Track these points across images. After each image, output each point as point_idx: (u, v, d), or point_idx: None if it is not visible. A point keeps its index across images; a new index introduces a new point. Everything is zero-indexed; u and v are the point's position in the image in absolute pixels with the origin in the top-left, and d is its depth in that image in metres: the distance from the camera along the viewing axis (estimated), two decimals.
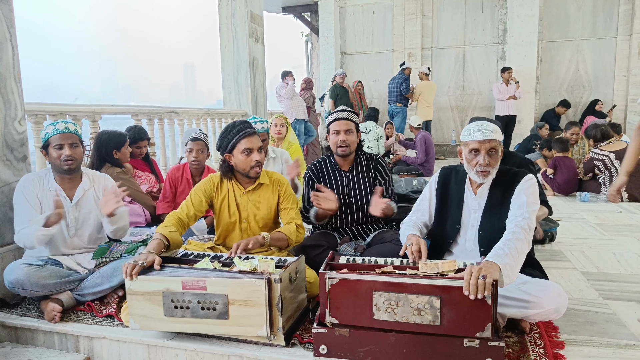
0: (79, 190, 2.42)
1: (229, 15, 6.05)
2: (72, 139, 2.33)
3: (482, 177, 1.98)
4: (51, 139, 2.30)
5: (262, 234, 2.23)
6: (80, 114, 3.64)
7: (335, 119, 2.62)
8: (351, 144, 2.60)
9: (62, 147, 2.30)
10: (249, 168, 2.31)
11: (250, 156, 2.29)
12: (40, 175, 2.39)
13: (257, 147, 2.30)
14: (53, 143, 2.30)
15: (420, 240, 1.97)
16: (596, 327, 2.02)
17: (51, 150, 2.31)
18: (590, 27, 8.83)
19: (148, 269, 1.90)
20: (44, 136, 2.32)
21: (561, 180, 5.23)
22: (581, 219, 4.11)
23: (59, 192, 2.37)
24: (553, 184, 5.30)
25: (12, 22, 2.50)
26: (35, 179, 2.36)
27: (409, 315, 1.64)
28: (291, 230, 2.34)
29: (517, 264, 1.70)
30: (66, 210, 2.37)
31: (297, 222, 2.40)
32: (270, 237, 2.24)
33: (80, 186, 2.43)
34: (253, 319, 1.79)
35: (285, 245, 2.35)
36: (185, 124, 5.11)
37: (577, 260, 2.95)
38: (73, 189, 2.42)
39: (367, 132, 6.94)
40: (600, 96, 8.83)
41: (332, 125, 2.63)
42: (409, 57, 9.71)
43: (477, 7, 9.40)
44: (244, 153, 2.28)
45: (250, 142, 2.28)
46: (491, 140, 1.94)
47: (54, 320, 2.15)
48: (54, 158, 2.32)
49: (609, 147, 4.95)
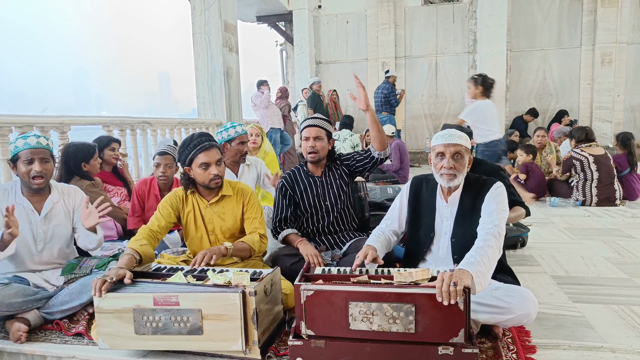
0: (48, 203, 2.35)
1: (202, 24, 6.02)
2: (42, 153, 2.26)
3: (448, 181, 2.02)
4: (21, 154, 2.23)
5: (224, 244, 2.20)
6: (49, 125, 3.54)
7: (305, 125, 2.69)
8: (320, 150, 2.65)
9: (32, 162, 2.23)
10: (208, 181, 2.29)
11: (208, 170, 2.27)
12: (6, 188, 2.32)
13: (214, 160, 2.27)
14: (23, 157, 2.23)
15: (369, 249, 2.00)
16: (566, 330, 2.07)
17: (20, 165, 2.24)
18: (556, 37, 9.16)
19: (119, 284, 1.85)
20: (14, 149, 2.25)
21: (533, 185, 5.36)
22: (551, 224, 4.22)
23: (26, 206, 2.30)
24: (525, 189, 5.44)
25: None
26: (1, 191, 2.29)
27: (384, 324, 1.65)
28: (254, 240, 2.32)
29: (489, 271, 1.73)
30: (34, 223, 2.30)
31: (260, 232, 2.39)
32: (232, 247, 2.22)
33: (48, 199, 2.36)
34: (228, 333, 1.76)
35: (248, 255, 2.32)
36: (158, 134, 5.04)
37: (548, 265, 3.03)
38: (41, 202, 2.35)
39: (343, 141, 7.00)
40: (566, 103, 9.15)
41: (302, 132, 2.69)
42: (382, 66, 9.84)
43: (448, 17, 9.63)
44: (201, 167, 2.27)
45: (207, 156, 2.26)
46: (456, 145, 1.99)
47: (20, 340, 2.06)
48: (22, 173, 2.25)
49: (589, 150, 5.07)
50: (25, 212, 2.30)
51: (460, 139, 2.01)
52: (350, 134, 7.15)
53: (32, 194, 2.34)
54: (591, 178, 4.97)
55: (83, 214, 2.28)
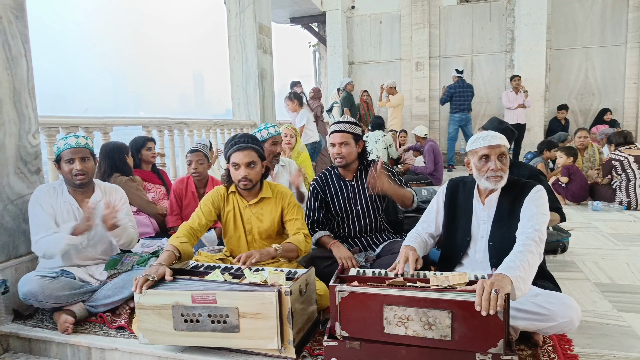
0: (91, 202, 2.45)
1: (237, 27, 6.13)
2: (82, 152, 2.37)
3: (495, 183, 1.96)
4: (62, 154, 2.36)
5: (273, 246, 2.23)
6: (92, 126, 3.69)
7: (332, 131, 2.64)
8: (347, 156, 2.60)
9: (73, 162, 2.35)
10: (237, 181, 2.34)
11: (238, 171, 2.31)
12: (55, 186, 2.44)
13: (244, 162, 2.29)
14: (64, 157, 2.36)
15: (409, 251, 1.99)
16: (611, 340, 1.99)
17: (63, 165, 2.37)
18: (598, 34, 8.79)
19: (159, 281, 1.91)
20: (56, 150, 2.38)
21: (575, 188, 5.17)
22: (593, 229, 4.06)
23: (72, 204, 2.41)
24: (567, 193, 5.25)
25: (26, 38, 2.55)
26: (50, 189, 2.41)
27: (420, 330, 1.63)
28: (300, 240, 2.35)
29: (529, 277, 1.69)
30: (79, 221, 2.40)
31: (304, 232, 2.41)
32: (281, 249, 2.25)
33: (92, 198, 2.46)
34: (264, 332, 1.79)
35: (295, 256, 2.35)
36: (195, 134, 5.16)
37: (590, 271, 2.92)
38: (85, 200, 2.45)
39: (375, 142, 6.95)
40: (610, 104, 8.77)
41: (329, 138, 2.66)
42: (416, 66, 9.74)
43: (484, 16, 9.42)
44: (233, 166, 2.32)
45: (237, 157, 2.29)
46: (500, 146, 1.95)
47: (67, 331, 2.16)
48: (65, 172, 2.38)
49: (628, 151, 4.94)
50: (71, 209, 2.41)
51: (502, 140, 1.97)
52: (382, 134, 7.09)
53: (77, 192, 2.45)
54: (634, 177, 4.79)
55: (103, 217, 2.32)
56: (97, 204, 2.46)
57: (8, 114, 2.45)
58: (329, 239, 2.56)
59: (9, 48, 2.44)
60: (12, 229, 2.48)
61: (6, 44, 2.42)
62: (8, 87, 2.44)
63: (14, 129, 2.49)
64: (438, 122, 9.92)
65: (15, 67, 2.48)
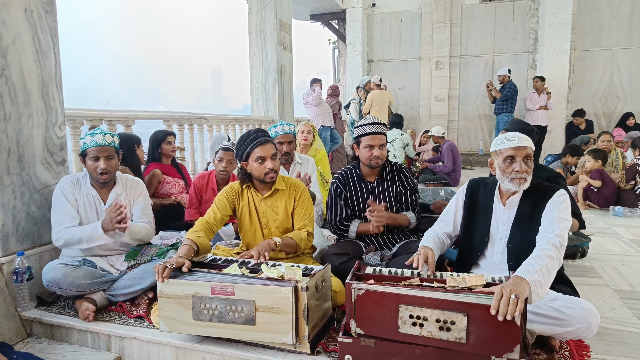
0: (112, 195, 2.51)
1: (258, 23, 6.17)
2: (108, 151, 2.41)
3: (518, 184, 1.94)
4: (88, 150, 2.39)
5: (274, 239, 2.26)
6: (116, 119, 3.77)
7: (369, 132, 2.63)
8: (384, 158, 2.66)
9: (98, 160, 2.39)
10: (264, 175, 2.36)
11: (264, 164, 2.33)
12: (78, 177, 2.50)
13: (270, 155, 2.33)
14: (90, 154, 2.39)
15: (428, 251, 1.99)
16: (630, 348, 1.96)
17: (88, 161, 2.41)
18: (626, 35, 8.59)
19: (179, 272, 1.95)
20: (82, 145, 2.41)
21: (608, 192, 5.03)
22: (614, 234, 3.98)
23: (94, 196, 2.47)
24: (599, 198, 5.07)
25: (55, 32, 2.62)
26: (74, 180, 2.47)
27: (435, 331, 1.63)
28: (301, 237, 2.37)
29: (547, 282, 1.67)
30: (100, 212, 2.46)
31: (308, 229, 2.43)
32: (281, 243, 2.27)
33: (113, 191, 2.52)
34: (279, 326, 1.81)
35: (294, 251, 2.38)
36: (214, 129, 5.22)
37: (610, 277, 2.87)
38: (107, 193, 2.51)
39: (392, 140, 6.92)
40: (635, 107, 8.56)
41: (365, 139, 2.64)
42: (436, 65, 9.65)
43: (507, 15, 9.28)
44: (257, 161, 2.33)
45: (263, 151, 2.32)
46: (526, 148, 1.94)
47: (88, 319, 2.22)
48: (90, 168, 2.42)
49: None
50: (93, 201, 2.47)
51: (528, 142, 1.95)
52: (400, 133, 7.06)
53: (100, 185, 2.50)
54: None
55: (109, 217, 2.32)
56: (117, 196, 2.52)
57: (36, 105, 2.52)
58: (363, 226, 2.63)
59: (39, 42, 2.51)
60: (38, 218, 2.55)
61: (36, 38, 2.49)
62: (37, 80, 2.51)
63: (42, 120, 2.56)
64: (457, 122, 9.83)
65: (44, 60, 2.55)
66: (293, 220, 2.49)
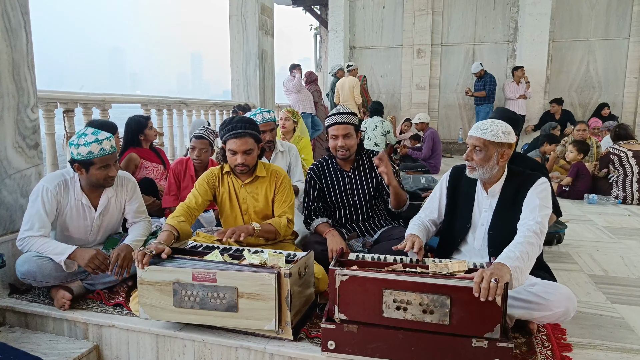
0: (103, 199, 2.38)
1: (239, 6, 6.04)
2: (114, 157, 2.29)
3: (468, 172, 2.02)
4: (96, 160, 2.19)
5: (252, 224, 2.24)
6: (91, 103, 3.66)
7: (332, 122, 2.59)
8: (350, 148, 2.59)
9: (108, 167, 2.24)
10: (234, 166, 2.33)
11: (235, 157, 2.30)
12: (66, 178, 2.31)
13: (242, 150, 2.28)
14: (99, 163, 2.20)
15: (415, 238, 2.00)
16: (604, 331, 2.02)
17: (94, 169, 2.22)
18: (602, 27, 8.73)
19: (159, 259, 1.91)
20: (86, 155, 2.17)
21: (583, 187, 5.12)
22: (589, 222, 4.09)
23: (85, 203, 2.32)
24: (572, 192, 5.13)
25: (26, 10, 2.50)
26: (60, 182, 2.28)
27: (418, 314, 1.65)
28: (281, 224, 2.35)
29: (527, 268, 1.70)
30: (89, 219, 2.36)
31: (288, 217, 2.42)
32: (260, 229, 2.25)
33: (104, 195, 2.38)
34: (262, 313, 1.80)
35: (273, 237, 2.37)
36: (193, 114, 5.12)
37: (585, 263, 2.95)
38: (98, 197, 2.38)
39: (373, 128, 6.92)
40: (610, 98, 8.76)
41: (330, 129, 2.60)
42: (418, 53, 9.66)
43: (488, 4, 9.32)
44: (229, 152, 2.31)
45: (235, 144, 2.28)
46: (478, 138, 1.94)
47: (64, 307, 2.17)
48: (96, 176, 2.23)
49: (627, 146, 4.94)
50: (82, 208, 2.34)
51: (484, 133, 1.93)
52: (381, 120, 7.05)
53: (91, 190, 2.35)
54: (631, 172, 4.80)
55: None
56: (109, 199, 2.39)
57: (7, 86, 2.41)
58: (325, 227, 2.52)
59: (8, 19, 2.39)
60: (9, 204, 2.46)
61: (5, 15, 2.37)
62: (7, 60, 2.40)
63: (12, 102, 2.45)
64: (437, 111, 9.89)
65: (15, 39, 2.43)
66: (273, 208, 2.47)
